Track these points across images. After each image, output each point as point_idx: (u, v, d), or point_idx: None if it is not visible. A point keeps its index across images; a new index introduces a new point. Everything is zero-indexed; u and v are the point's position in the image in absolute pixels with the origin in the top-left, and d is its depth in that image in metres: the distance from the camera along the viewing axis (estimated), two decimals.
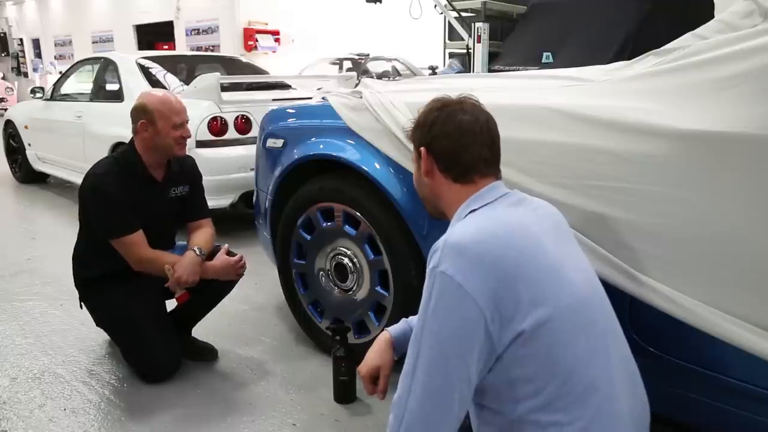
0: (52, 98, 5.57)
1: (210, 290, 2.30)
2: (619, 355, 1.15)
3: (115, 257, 2.16)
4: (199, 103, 3.88)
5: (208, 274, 2.20)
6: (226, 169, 3.82)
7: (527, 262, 1.07)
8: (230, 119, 3.89)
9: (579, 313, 1.09)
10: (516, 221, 1.15)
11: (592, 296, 1.15)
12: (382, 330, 1.47)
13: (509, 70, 4.37)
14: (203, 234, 2.32)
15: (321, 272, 2.29)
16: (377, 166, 1.96)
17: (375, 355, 1.39)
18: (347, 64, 9.75)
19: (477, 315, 1.02)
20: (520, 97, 1.76)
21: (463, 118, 1.22)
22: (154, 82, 4.47)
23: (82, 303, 2.34)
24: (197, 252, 2.17)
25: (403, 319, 1.46)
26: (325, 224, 2.21)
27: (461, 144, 1.21)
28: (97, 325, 2.38)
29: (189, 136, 2.25)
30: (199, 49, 12.02)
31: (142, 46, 14.08)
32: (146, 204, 2.20)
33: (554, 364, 1.04)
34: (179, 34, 13.08)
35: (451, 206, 1.24)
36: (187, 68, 4.99)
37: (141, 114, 2.18)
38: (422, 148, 1.25)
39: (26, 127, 5.90)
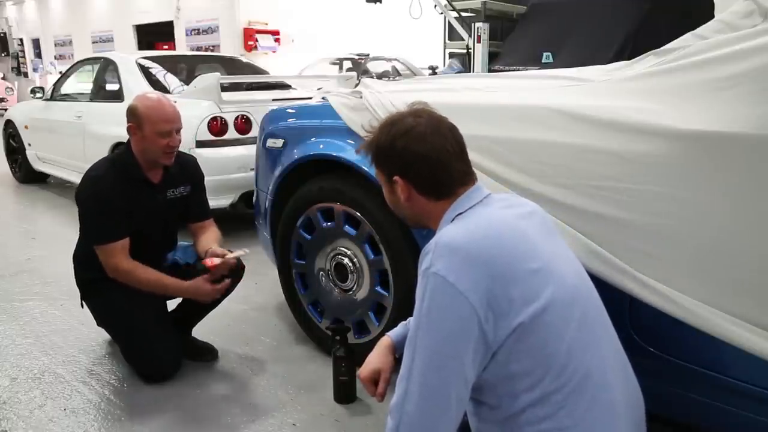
0: (52, 98, 5.57)
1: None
2: (610, 345, 1.17)
3: None
4: (199, 103, 3.89)
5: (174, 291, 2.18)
6: (226, 169, 3.82)
7: (519, 259, 1.08)
8: (230, 119, 3.89)
9: (571, 306, 1.10)
10: (504, 220, 1.16)
11: (582, 289, 1.16)
12: (383, 330, 1.48)
13: (509, 70, 4.37)
14: (212, 235, 2.32)
15: (321, 272, 2.29)
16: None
17: (375, 358, 1.39)
18: (347, 64, 9.75)
19: (471, 314, 1.03)
20: (520, 97, 1.76)
21: (433, 139, 1.19)
22: (154, 82, 4.47)
23: (83, 302, 2.34)
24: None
25: (402, 322, 1.46)
26: (325, 224, 2.21)
27: (438, 166, 1.19)
28: (98, 325, 2.38)
29: (176, 145, 2.18)
30: (199, 49, 12.02)
31: (142, 46, 14.08)
32: (142, 207, 2.19)
33: (549, 357, 1.05)
34: (179, 34, 13.07)
35: (437, 219, 1.23)
36: (187, 68, 4.99)
37: (130, 116, 2.16)
38: (397, 178, 1.23)
39: (26, 127, 5.90)
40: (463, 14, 5.47)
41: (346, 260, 2.17)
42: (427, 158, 1.19)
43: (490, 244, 1.08)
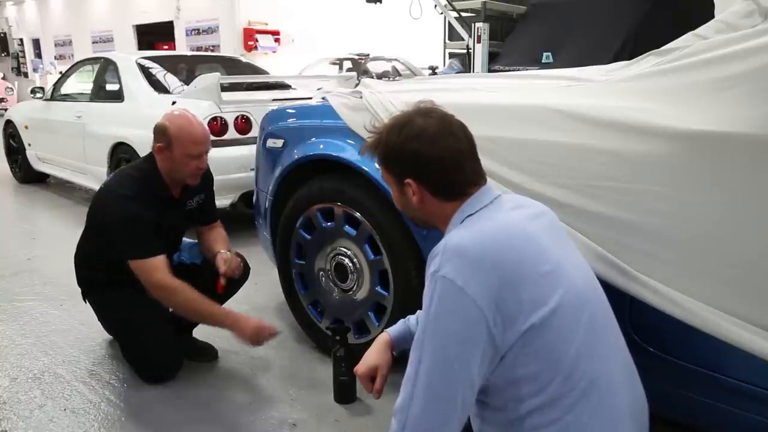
0: (52, 98, 5.56)
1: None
2: (617, 348, 1.16)
3: (120, 262, 2.11)
4: (199, 103, 3.88)
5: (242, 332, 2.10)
6: (226, 169, 3.81)
7: (527, 261, 1.07)
8: (230, 119, 3.89)
9: (579, 309, 1.09)
10: (513, 222, 1.15)
11: (590, 291, 1.15)
12: (383, 330, 1.48)
13: (509, 70, 4.37)
14: (218, 236, 2.34)
15: (321, 272, 2.29)
16: (377, 166, 1.96)
17: (373, 354, 1.39)
18: (347, 64, 9.76)
19: (479, 318, 1.02)
20: (520, 97, 1.76)
21: (446, 141, 1.16)
22: (154, 82, 4.47)
23: (85, 300, 2.34)
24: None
25: (402, 320, 1.46)
26: (325, 224, 2.21)
27: (453, 168, 1.17)
28: (99, 320, 2.37)
29: (205, 167, 2.17)
30: (199, 49, 12.03)
31: (142, 46, 14.09)
32: (165, 220, 2.18)
33: (557, 361, 1.05)
34: (179, 34, 13.09)
35: (446, 219, 1.21)
36: (187, 68, 4.98)
37: (160, 136, 2.12)
38: (410, 180, 1.19)
39: (26, 127, 5.89)
40: (463, 14, 5.47)
41: (346, 260, 2.17)
42: (441, 161, 1.16)
43: (499, 247, 1.07)
